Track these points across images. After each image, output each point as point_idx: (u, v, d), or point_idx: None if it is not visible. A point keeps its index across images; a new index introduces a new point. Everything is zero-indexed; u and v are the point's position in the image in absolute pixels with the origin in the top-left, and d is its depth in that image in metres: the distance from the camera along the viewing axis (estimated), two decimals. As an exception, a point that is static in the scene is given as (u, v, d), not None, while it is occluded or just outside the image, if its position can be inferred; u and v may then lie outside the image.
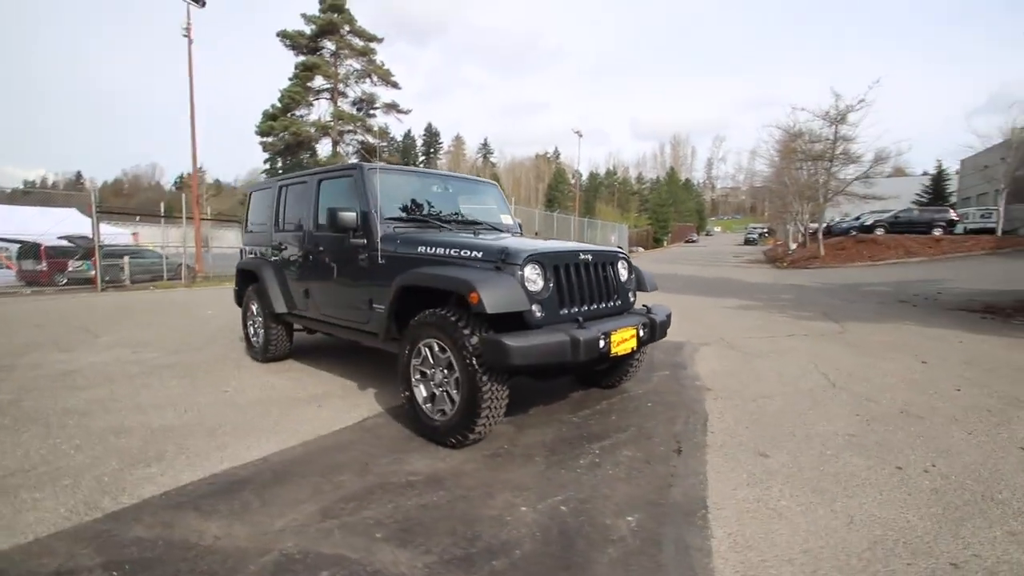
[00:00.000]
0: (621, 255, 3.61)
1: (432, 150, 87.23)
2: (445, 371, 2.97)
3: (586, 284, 3.23)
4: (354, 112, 19.66)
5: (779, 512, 2.29)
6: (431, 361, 3.05)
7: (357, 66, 19.46)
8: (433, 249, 3.28)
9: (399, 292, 3.21)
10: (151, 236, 22.38)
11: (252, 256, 5.28)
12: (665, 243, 45.69)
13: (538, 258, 2.98)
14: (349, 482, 2.57)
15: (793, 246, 28.79)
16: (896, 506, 2.34)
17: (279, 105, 18.56)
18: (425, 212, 4.04)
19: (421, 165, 65.08)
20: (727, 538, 2.09)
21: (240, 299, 5.54)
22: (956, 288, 11.30)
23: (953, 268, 15.49)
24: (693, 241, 54.64)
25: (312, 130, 17.94)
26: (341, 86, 19.22)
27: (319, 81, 18.60)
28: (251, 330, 5.27)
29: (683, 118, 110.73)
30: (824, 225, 23.31)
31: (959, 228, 22.73)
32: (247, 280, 5.35)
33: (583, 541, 2.06)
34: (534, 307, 2.89)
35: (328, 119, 18.84)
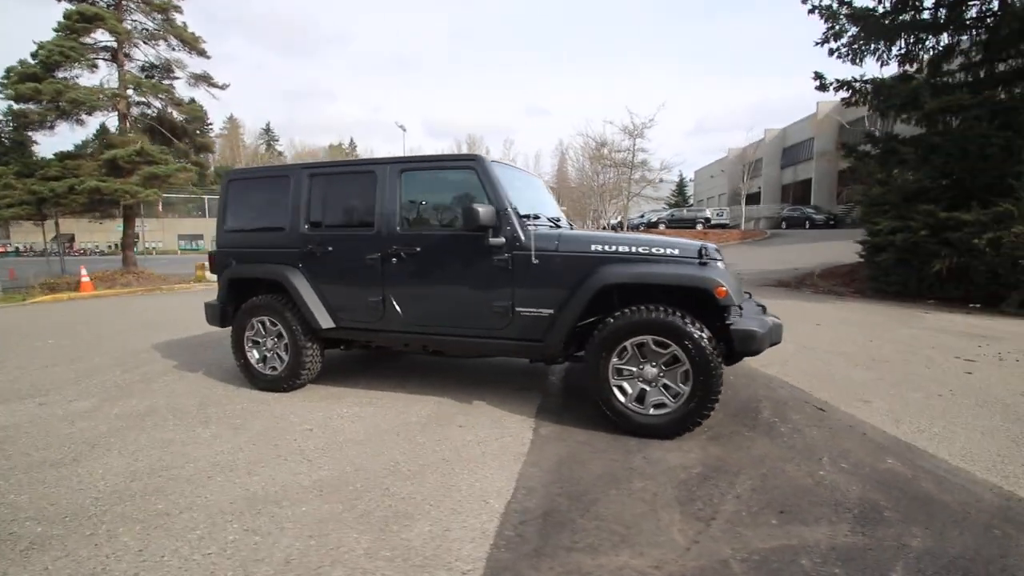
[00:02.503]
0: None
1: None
2: (663, 366, 3.05)
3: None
4: (143, 79, 15.72)
5: (950, 436, 3.08)
6: (641, 358, 3.09)
7: (149, 24, 15.57)
8: (613, 247, 3.26)
9: (599, 291, 3.12)
10: None
11: (254, 262, 4.17)
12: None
13: (721, 254, 3.28)
14: (654, 487, 2.51)
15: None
16: (997, 417, 3.37)
17: (33, 62, 13.69)
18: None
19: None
20: (958, 456, 2.79)
21: (224, 318, 4.33)
22: (744, 269, 14.84)
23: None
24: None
25: (98, 97, 13.63)
26: (127, 45, 15.13)
27: (100, 36, 14.25)
28: (255, 354, 4.18)
29: (476, 119, 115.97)
30: (619, 221, 27.79)
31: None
32: (244, 292, 4.23)
33: (899, 480, 2.51)
34: (731, 298, 3.18)
35: (114, 85, 14.64)
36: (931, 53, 10.43)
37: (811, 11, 10.62)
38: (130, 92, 14.97)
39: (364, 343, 4.17)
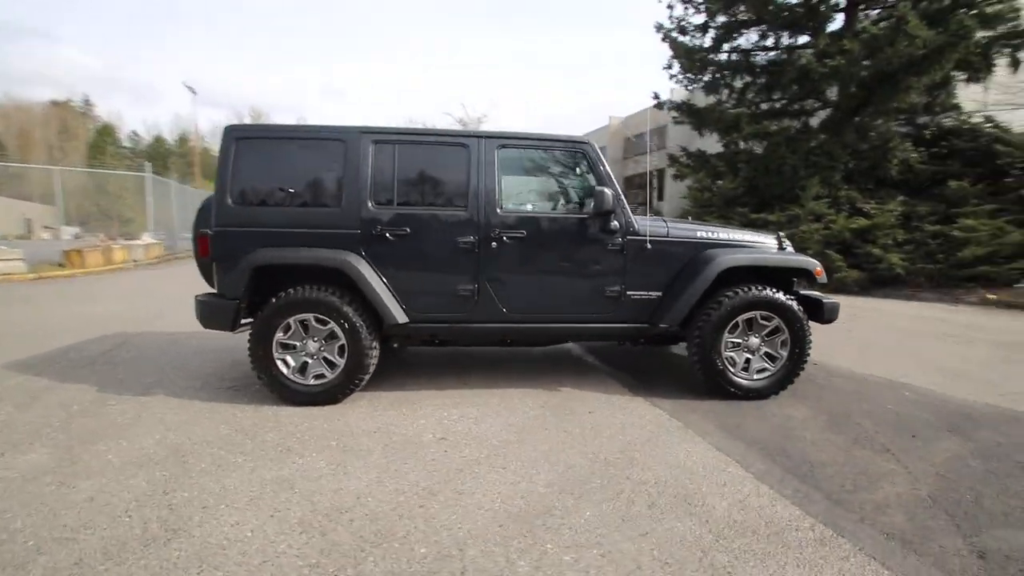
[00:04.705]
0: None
1: None
2: (766, 337, 3.54)
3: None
4: None
5: (910, 372, 4.29)
6: (748, 330, 3.52)
7: None
8: (714, 235, 3.62)
9: (720, 274, 3.41)
10: None
11: (290, 245, 3.27)
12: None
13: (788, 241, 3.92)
14: (822, 437, 2.98)
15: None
16: (912, 359, 4.76)
17: None
18: None
19: None
20: (933, 385, 3.93)
21: (237, 318, 3.31)
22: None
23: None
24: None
25: None
26: None
27: None
28: (290, 362, 3.33)
29: (260, 91, 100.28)
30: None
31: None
32: (267, 283, 3.31)
33: (933, 405, 3.47)
34: (793, 279, 3.84)
35: None
36: (730, 89, 13.32)
37: (663, 40, 12.56)
38: None
39: (428, 338, 3.70)
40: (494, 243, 3.40)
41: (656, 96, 13.86)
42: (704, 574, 1.80)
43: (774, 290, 3.47)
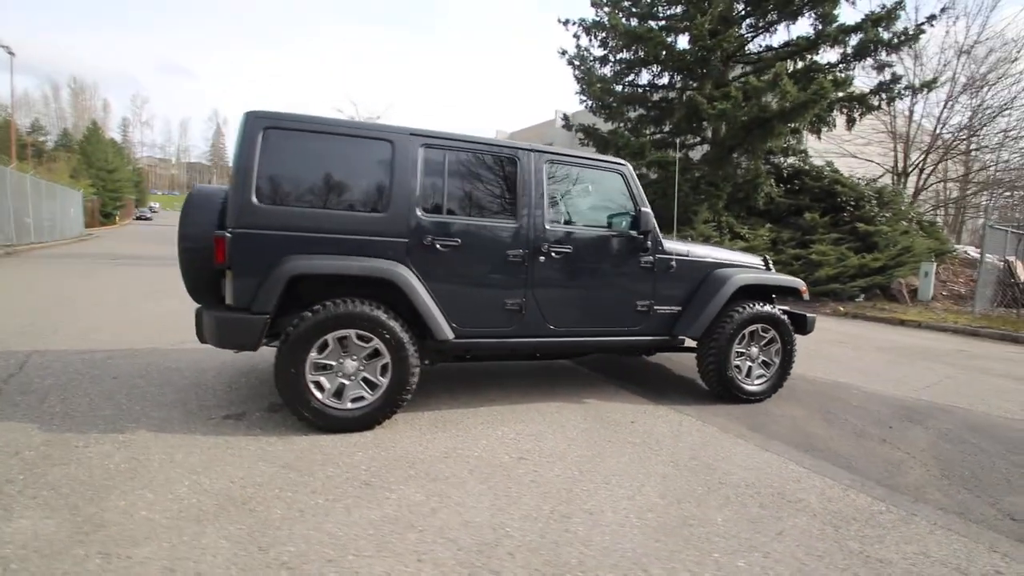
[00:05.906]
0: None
1: None
2: (763, 347, 4.00)
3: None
4: None
5: (832, 372, 5.15)
6: (752, 341, 3.95)
7: None
8: (721, 257, 4.03)
9: (736, 291, 3.78)
10: None
11: (327, 252, 2.88)
12: (116, 219, 35.61)
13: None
14: (836, 433, 3.47)
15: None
16: (835, 365, 5.69)
17: None
18: None
19: None
20: (870, 385, 4.77)
21: (262, 333, 2.83)
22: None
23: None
24: (148, 218, 45.34)
25: None
26: None
27: None
28: (327, 385, 2.94)
29: (84, 60, 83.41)
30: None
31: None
32: (298, 294, 2.92)
33: (887, 401, 4.23)
34: (773, 296, 4.41)
35: None
36: (624, 120, 14.63)
37: (569, 63, 13.36)
38: None
39: (461, 353, 3.52)
40: (542, 257, 3.39)
41: (565, 117, 14.69)
42: (850, 560, 2.03)
43: (772, 306, 3.97)
